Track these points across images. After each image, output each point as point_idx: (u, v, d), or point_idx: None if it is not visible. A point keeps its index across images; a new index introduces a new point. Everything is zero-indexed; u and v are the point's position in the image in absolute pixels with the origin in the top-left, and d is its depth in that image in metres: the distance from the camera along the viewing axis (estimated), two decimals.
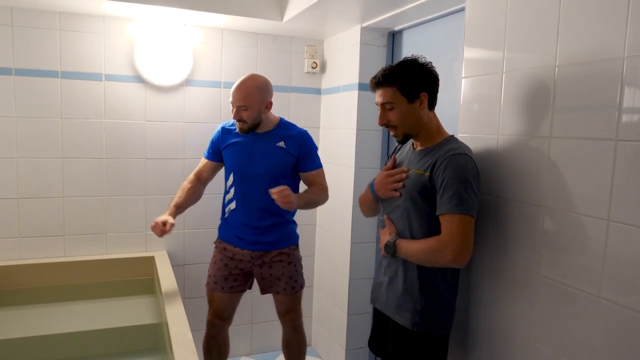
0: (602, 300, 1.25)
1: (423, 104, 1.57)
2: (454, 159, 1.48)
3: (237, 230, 2.26)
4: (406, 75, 1.56)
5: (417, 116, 1.58)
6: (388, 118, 1.60)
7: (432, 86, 1.60)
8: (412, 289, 1.59)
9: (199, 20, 2.62)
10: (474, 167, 1.50)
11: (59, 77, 2.51)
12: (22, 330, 2.07)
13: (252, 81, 2.14)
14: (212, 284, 2.31)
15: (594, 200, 1.27)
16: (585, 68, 1.30)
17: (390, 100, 1.57)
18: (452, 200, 1.44)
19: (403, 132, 1.61)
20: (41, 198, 2.55)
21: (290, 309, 2.34)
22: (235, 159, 2.23)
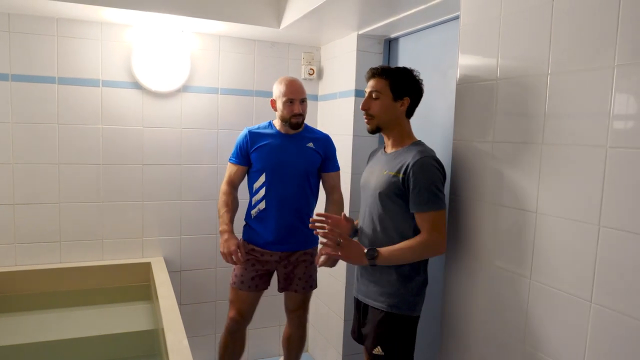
0: (594, 304, 1.26)
1: (404, 106, 1.78)
2: (422, 161, 1.67)
3: (266, 231, 2.30)
4: (400, 76, 1.77)
5: (395, 114, 1.78)
6: (370, 105, 1.79)
7: (416, 96, 1.80)
8: (388, 275, 1.75)
9: (197, 26, 2.63)
10: (439, 165, 1.70)
11: (56, 83, 2.52)
12: (17, 337, 2.07)
13: (293, 77, 2.34)
14: (239, 284, 2.34)
15: (586, 206, 1.28)
16: (576, 76, 1.31)
17: (379, 90, 1.76)
18: (427, 199, 1.65)
19: (376, 124, 1.80)
20: (37, 204, 2.55)
21: (301, 306, 2.43)
22: (269, 158, 2.29)
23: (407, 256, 1.68)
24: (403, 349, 1.77)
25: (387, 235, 1.76)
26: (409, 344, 1.79)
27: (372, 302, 1.80)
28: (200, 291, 2.61)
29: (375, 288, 1.79)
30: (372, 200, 1.79)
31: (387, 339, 1.76)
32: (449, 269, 1.84)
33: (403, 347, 1.77)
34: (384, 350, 1.75)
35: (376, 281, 1.79)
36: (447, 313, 1.85)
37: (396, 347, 1.75)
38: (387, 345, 1.75)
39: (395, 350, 1.75)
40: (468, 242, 1.73)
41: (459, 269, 1.78)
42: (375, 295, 1.79)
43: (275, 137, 2.31)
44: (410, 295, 1.75)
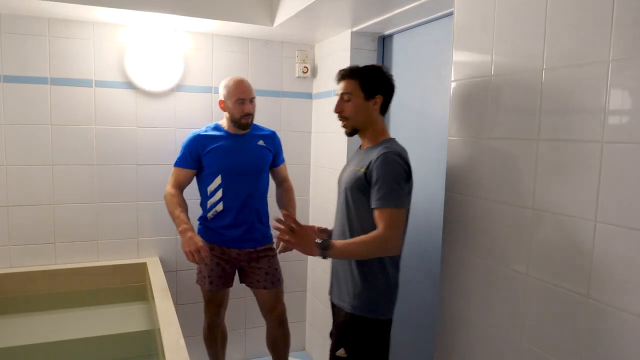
0: (591, 300, 1.26)
1: (376, 104, 1.76)
2: (386, 156, 1.64)
3: (225, 229, 2.36)
4: (369, 75, 1.75)
5: (368, 113, 1.76)
6: (343, 108, 1.77)
7: (388, 93, 1.78)
8: (352, 274, 1.73)
9: (189, 25, 2.62)
10: (405, 164, 1.67)
11: (48, 83, 2.50)
12: (13, 339, 2.05)
13: (240, 77, 2.37)
14: (209, 284, 2.41)
15: (582, 202, 1.28)
16: (571, 71, 1.31)
17: (350, 92, 1.75)
18: (386, 195, 1.61)
19: (352, 125, 1.79)
20: (31, 205, 2.53)
21: (277, 302, 2.45)
22: (223, 160, 2.33)
23: (360, 251, 1.63)
24: (370, 353, 1.72)
25: (352, 231, 1.74)
26: (377, 349, 1.73)
27: (338, 302, 1.79)
28: (197, 291, 2.60)
29: (341, 288, 1.78)
30: (341, 196, 1.79)
31: (350, 341, 1.72)
32: (445, 266, 1.84)
33: (370, 351, 1.72)
34: (347, 352, 1.71)
35: (343, 281, 1.77)
36: (443, 311, 1.85)
37: (361, 350, 1.71)
38: (351, 347, 1.71)
39: (359, 354, 1.71)
40: (464, 240, 1.73)
41: (455, 266, 1.78)
42: (341, 295, 1.77)
43: (225, 138, 2.35)
44: (375, 298, 1.71)
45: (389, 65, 2.56)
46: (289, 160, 2.89)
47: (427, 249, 2.21)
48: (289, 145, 2.98)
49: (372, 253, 1.65)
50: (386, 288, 1.73)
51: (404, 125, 2.44)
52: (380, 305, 1.72)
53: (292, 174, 2.73)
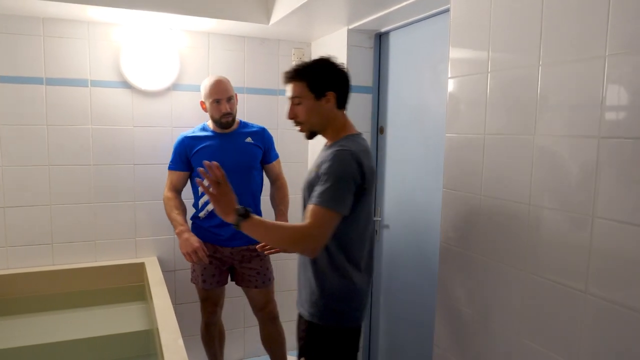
0: (589, 295, 1.26)
1: (329, 102, 1.62)
2: (336, 154, 1.52)
3: (217, 228, 2.37)
4: (316, 72, 1.62)
5: (323, 113, 1.63)
6: (295, 112, 1.65)
7: (340, 86, 1.65)
8: (310, 281, 1.63)
9: (185, 24, 2.61)
10: (356, 164, 1.51)
11: (43, 83, 2.48)
12: (11, 340, 2.05)
13: (219, 76, 2.36)
14: (202, 283, 2.44)
15: (579, 197, 1.28)
16: (568, 67, 1.31)
17: (298, 95, 1.62)
18: (323, 193, 1.47)
19: (308, 129, 1.66)
20: (28, 206, 2.52)
21: (268, 300, 2.47)
22: (210, 160, 2.29)
23: (275, 236, 1.51)
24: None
25: None
26: (339, 358, 1.62)
27: (299, 308, 1.70)
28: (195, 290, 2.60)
29: (301, 294, 1.68)
30: (303, 197, 1.69)
31: (310, 351, 1.63)
32: (443, 263, 1.84)
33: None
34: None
35: (302, 286, 1.67)
36: (441, 307, 1.85)
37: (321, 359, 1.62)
38: (311, 357, 1.62)
39: None
40: (462, 236, 1.73)
41: (453, 262, 1.78)
42: (301, 302, 1.67)
43: (212, 138, 2.37)
44: (334, 304, 1.59)
45: (386, 62, 2.55)
46: (286, 158, 2.88)
47: (425, 245, 2.21)
48: (286, 144, 2.97)
49: (285, 244, 1.55)
50: (346, 294, 1.60)
51: (401, 122, 2.43)
52: (340, 312, 1.60)
53: (289, 172, 2.72)
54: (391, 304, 2.52)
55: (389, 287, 2.54)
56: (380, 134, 2.61)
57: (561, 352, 1.35)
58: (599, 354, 1.24)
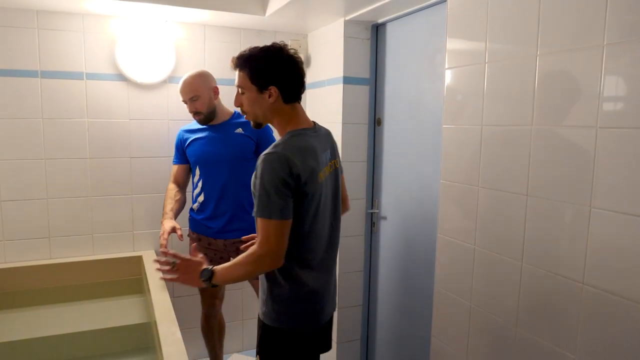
0: (586, 286, 1.27)
1: (272, 97, 1.51)
2: (263, 160, 1.44)
3: (208, 221, 2.39)
4: (257, 64, 1.51)
5: (266, 107, 1.54)
6: (240, 101, 1.59)
7: (285, 81, 1.51)
8: (263, 281, 1.61)
9: (181, 16, 2.59)
10: (285, 166, 1.42)
11: (38, 76, 2.46)
12: (9, 334, 2.05)
13: (191, 74, 2.35)
14: None
15: (576, 188, 1.28)
16: (565, 57, 1.30)
17: (242, 85, 1.55)
18: (259, 205, 1.43)
19: (253, 119, 1.60)
20: (24, 200, 2.51)
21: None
22: (198, 152, 2.39)
23: (240, 272, 1.48)
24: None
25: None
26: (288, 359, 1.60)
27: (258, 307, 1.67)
28: None
29: (260, 293, 1.66)
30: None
31: (262, 350, 1.62)
32: (440, 253, 1.84)
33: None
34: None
35: (260, 285, 1.64)
36: (438, 298, 1.85)
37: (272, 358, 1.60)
38: (263, 355, 1.61)
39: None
40: (459, 227, 1.73)
41: (450, 253, 1.78)
42: (259, 303, 1.65)
43: (203, 130, 2.41)
44: (279, 305, 1.56)
45: (383, 54, 2.54)
46: None
47: (423, 236, 2.21)
48: None
49: (253, 271, 1.51)
50: (297, 296, 1.55)
51: (398, 113, 2.43)
52: (291, 314, 1.56)
53: None
54: (389, 295, 2.53)
55: (386, 278, 2.55)
56: (377, 126, 2.61)
57: (559, 343, 1.36)
58: (596, 344, 1.25)
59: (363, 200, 2.64)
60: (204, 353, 2.72)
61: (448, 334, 1.82)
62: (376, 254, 2.63)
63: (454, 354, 1.79)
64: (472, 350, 1.70)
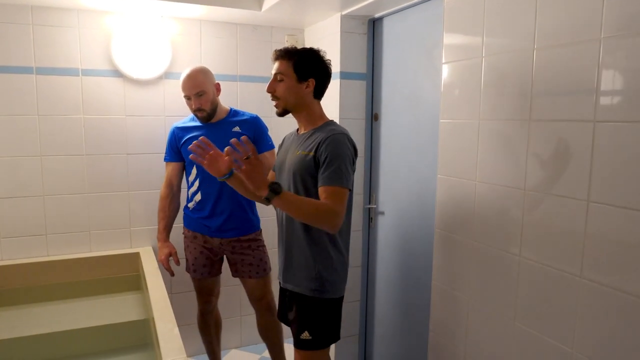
0: (584, 280, 1.27)
1: (309, 88, 1.73)
2: (334, 137, 1.64)
3: (206, 220, 2.37)
4: (304, 57, 1.73)
5: (301, 96, 1.74)
6: (275, 88, 1.74)
7: (322, 77, 1.75)
8: (306, 259, 1.73)
9: (176, 11, 2.57)
10: (350, 144, 1.68)
11: (33, 73, 2.45)
12: (6, 331, 2.04)
13: (194, 69, 2.29)
14: (193, 273, 2.46)
15: (574, 182, 1.28)
16: (563, 50, 1.30)
17: (283, 72, 1.72)
18: (335, 174, 1.60)
19: (283, 106, 1.76)
20: (21, 197, 2.50)
21: (265, 291, 2.46)
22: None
23: (307, 212, 1.57)
24: (329, 330, 1.77)
25: None
26: (334, 325, 1.79)
27: (293, 287, 1.78)
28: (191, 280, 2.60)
29: (295, 272, 1.77)
30: (288, 181, 1.75)
31: (312, 323, 1.75)
32: (438, 248, 1.84)
33: (329, 329, 1.77)
34: (311, 334, 1.74)
35: (297, 265, 1.76)
36: (436, 292, 1.86)
37: (322, 330, 1.75)
38: (313, 329, 1.74)
39: (322, 333, 1.75)
40: (457, 221, 1.73)
41: (448, 247, 1.79)
42: (297, 280, 1.77)
43: (200, 128, 2.36)
44: (331, 278, 1.73)
45: (380, 48, 2.53)
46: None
47: (420, 231, 2.21)
48: (281, 131, 2.93)
49: (315, 220, 1.61)
50: (340, 268, 1.76)
51: (395, 108, 2.42)
52: (335, 285, 1.74)
53: None
54: (386, 290, 2.53)
55: (384, 273, 2.55)
56: (374, 121, 2.60)
57: (556, 336, 1.36)
58: (594, 338, 1.25)
59: (360, 196, 2.63)
60: (202, 349, 2.72)
61: (446, 328, 1.82)
62: (374, 249, 2.63)
63: (452, 349, 1.79)
64: (470, 344, 1.70)
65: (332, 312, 1.77)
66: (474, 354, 1.69)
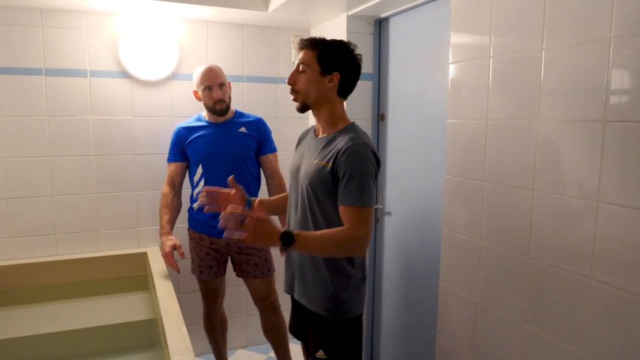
0: (594, 281, 1.26)
1: (332, 82, 1.57)
2: (355, 149, 1.48)
3: (211, 220, 2.35)
4: (331, 48, 1.58)
5: (323, 91, 1.58)
6: (295, 79, 1.60)
7: (348, 73, 1.59)
8: (322, 277, 1.60)
9: (183, 12, 2.58)
10: (373, 156, 1.52)
11: (43, 74, 2.47)
12: (15, 330, 2.06)
13: (211, 64, 2.33)
14: (199, 274, 2.46)
15: (584, 182, 1.27)
16: (572, 50, 1.29)
17: (306, 63, 1.57)
18: (356, 192, 1.46)
19: (303, 100, 1.61)
20: (30, 197, 2.52)
21: (269, 291, 2.47)
22: (202, 149, 2.35)
23: (328, 247, 1.47)
24: (348, 350, 1.65)
25: (316, 226, 1.59)
26: (354, 345, 1.66)
27: (307, 304, 1.66)
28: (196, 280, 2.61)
29: (308, 288, 1.64)
30: (302, 190, 1.62)
31: (328, 342, 1.64)
32: (445, 249, 1.84)
33: (347, 348, 1.65)
34: (326, 353, 1.63)
35: (311, 282, 1.63)
36: (443, 293, 1.85)
37: (339, 350, 1.64)
38: (329, 349, 1.64)
39: (338, 353, 1.64)
40: (464, 222, 1.73)
41: (455, 248, 1.78)
42: (310, 297, 1.64)
43: (206, 128, 2.37)
44: (348, 297, 1.60)
45: (386, 48, 2.53)
46: (287, 146, 2.86)
47: (428, 232, 2.21)
48: (286, 132, 2.96)
49: (340, 253, 1.52)
50: (357, 285, 1.63)
51: (402, 109, 2.42)
52: (352, 303, 1.62)
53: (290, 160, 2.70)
54: (393, 291, 2.53)
55: (391, 274, 2.54)
56: (381, 121, 2.60)
57: (565, 338, 1.35)
58: (604, 340, 1.24)
59: None
60: (208, 349, 2.73)
61: (454, 330, 1.82)
62: (380, 250, 2.63)
63: (460, 350, 1.79)
64: (478, 346, 1.69)
65: (350, 331, 1.64)
66: (482, 356, 1.68)
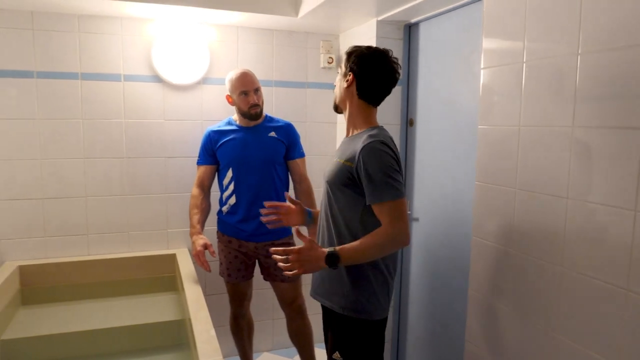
0: (631, 292, 1.22)
1: (349, 84, 1.63)
2: (369, 147, 1.51)
3: (240, 224, 2.38)
4: (354, 51, 1.64)
5: (343, 91, 1.66)
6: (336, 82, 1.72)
7: (364, 76, 1.60)
8: (339, 274, 1.61)
9: (214, 18, 2.63)
10: (391, 150, 1.54)
11: (79, 78, 2.55)
12: (47, 327, 2.12)
13: (247, 69, 2.38)
14: (227, 277, 2.48)
15: (621, 191, 1.24)
16: (608, 55, 1.26)
17: (341, 65, 1.68)
18: (382, 188, 1.49)
19: (334, 99, 1.74)
20: (65, 198, 2.60)
21: (296, 295, 2.47)
22: (233, 153, 2.37)
23: (372, 253, 1.51)
24: (366, 356, 1.62)
25: (336, 227, 1.62)
26: (373, 350, 1.63)
27: (324, 301, 1.67)
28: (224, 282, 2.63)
29: (326, 285, 1.66)
30: (325, 189, 1.67)
31: (345, 344, 1.62)
32: (475, 256, 1.81)
33: (365, 354, 1.62)
34: (342, 355, 1.62)
35: (327, 278, 1.65)
36: (472, 301, 1.82)
37: (356, 353, 1.61)
38: (346, 351, 1.62)
39: (355, 357, 1.61)
40: (494, 230, 1.70)
41: (487, 256, 1.75)
42: (328, 295, 1.65)
43: (236, 131, 2.39)
44: (366, 297, 1.59)
45: (416, 54, 2.52)
46: (315, 151, 2.88)
47: (456, 238, 2.18)
48: (314, 137, 2.97)
49: (385, 251, 1.53)
50: (377, 286, 1.60)
51: (431, 114, 2.40)
52: (372, 304, 1.60)
53: (317, 165, 2.72)
54: (421, 297, 2.50)
55: (419, 280, 2.52)
56: (409, 126, 2.58)
57: (600, 350, 1.31)
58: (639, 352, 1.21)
59: None
60: (234, 351, 2.75)
61: (483, 338, 1.79)
62: (408, 256, 2.61)
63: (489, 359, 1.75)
64: (508, 356, 1.66)
65: (369, 334, 1.61)
66: None
